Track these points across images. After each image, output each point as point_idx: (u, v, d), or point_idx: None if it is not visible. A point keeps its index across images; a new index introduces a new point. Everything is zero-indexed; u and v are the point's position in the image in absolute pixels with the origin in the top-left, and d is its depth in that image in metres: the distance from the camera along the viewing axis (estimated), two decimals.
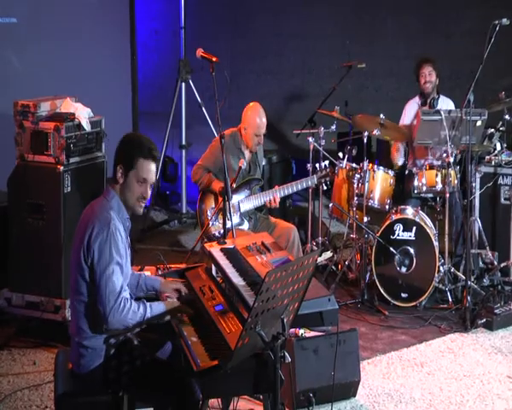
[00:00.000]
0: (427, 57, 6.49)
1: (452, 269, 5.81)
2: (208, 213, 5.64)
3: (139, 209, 3.45)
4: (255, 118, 5.63)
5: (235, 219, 5.50)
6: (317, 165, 6.01)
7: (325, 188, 6.10)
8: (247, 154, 5.73)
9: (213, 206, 5.62)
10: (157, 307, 3.38)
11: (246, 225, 5.66)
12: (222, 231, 4.76)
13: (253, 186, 5.74)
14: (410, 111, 6.50)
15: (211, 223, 5.50)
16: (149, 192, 3.43)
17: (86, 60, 7.06)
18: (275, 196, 5.66)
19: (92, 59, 7.15)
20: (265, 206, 5.72)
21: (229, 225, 4.68)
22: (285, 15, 10.47)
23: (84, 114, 5.06)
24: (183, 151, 7.94)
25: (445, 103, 6.37)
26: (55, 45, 6.73)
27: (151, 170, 3.40)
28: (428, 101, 6.36)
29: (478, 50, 5.50)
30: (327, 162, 6.01)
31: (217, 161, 5.55)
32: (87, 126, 5.06)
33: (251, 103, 5.76)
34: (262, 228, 5.61)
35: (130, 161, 3.37)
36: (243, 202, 5.67)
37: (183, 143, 7.94)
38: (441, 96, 6.40)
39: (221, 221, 5.25)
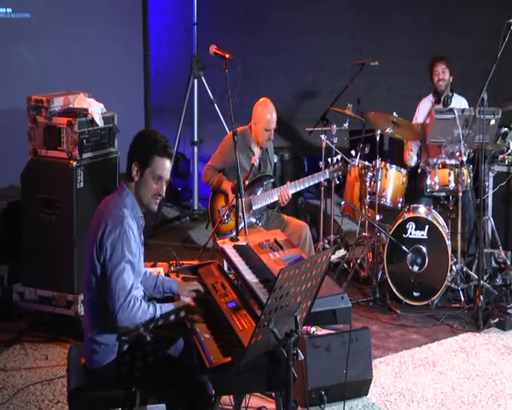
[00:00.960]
0: (441, 55, 6.46)
1: (465, 268, 5.79)
2: (219, 211, 5.63)
3: (154, 206, 3.44)
4: (265, 113, 5.60)
5: (248, 217, 5.48)
6: (329, 159, 5.98)
7: (337, 182, 6.05)
8: (256, 151, 5.69)
9: (224, 205, 5.61)
10: (167, 308, 3.36)
11: (258, 224, 5.65)
12: (234, 231, 4.75)
13: (265, 183, 5.73)
14: (423, 109, 6.47)
15: (222, 221, 5.48)
16: (164, 189, 3.42)
17: (99, 55, 7.08)
18: (286, 190, 5.64)
19: (105, 54, 7.17)
20: (278, 203, 5.70)
21: (241, 222, 4.68)
22: (297, 13, 10.44)
23: (97, 110, 5.06)
24: (195, 148, 7.95)
25: (459, 102, 6.33)
26: (68, 40, 6.75)
27: (166, 167, 3.39)
28: (442, 99, 6.33)
29: (489, 49, 5.45)
30: (338, 156, 5.98)
31: (227, 161, 5.55)
32: (100, 122, 5.06)
33: (261, 99, 5.74)
34: (274, 225, 5.59)
35: (146, 158, 3.36)
36: (255, 199, 5.65)
37: (195, 139, 7.95)
38: (455, 95, 6.37)
39: (233, 219, 5.24)
